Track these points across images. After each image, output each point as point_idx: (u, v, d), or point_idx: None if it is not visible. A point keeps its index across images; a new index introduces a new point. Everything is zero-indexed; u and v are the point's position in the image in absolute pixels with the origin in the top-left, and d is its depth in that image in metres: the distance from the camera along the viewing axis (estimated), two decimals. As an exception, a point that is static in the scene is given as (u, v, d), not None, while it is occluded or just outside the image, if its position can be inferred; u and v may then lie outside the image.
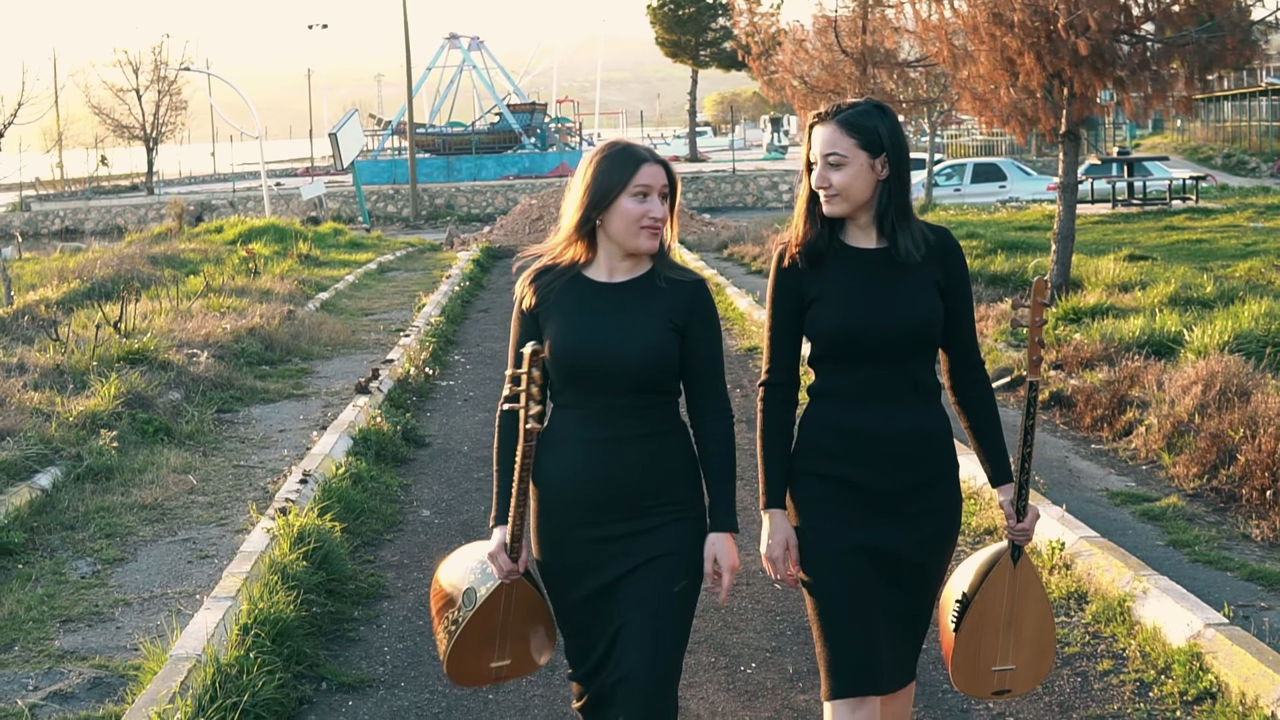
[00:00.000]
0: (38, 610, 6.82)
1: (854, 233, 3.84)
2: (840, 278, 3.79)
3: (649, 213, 3.73)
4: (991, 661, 3.95)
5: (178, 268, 23.41)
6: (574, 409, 3.77)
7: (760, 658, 6.07)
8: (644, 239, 3.75)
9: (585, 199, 3.75)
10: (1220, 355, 10.53)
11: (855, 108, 3.80)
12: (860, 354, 3.76)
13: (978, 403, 3.91)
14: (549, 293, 3.82)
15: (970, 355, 3.90)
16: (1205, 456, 8.80)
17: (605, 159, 3.77)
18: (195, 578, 7.28)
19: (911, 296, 3.77)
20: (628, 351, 3.70)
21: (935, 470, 3.83)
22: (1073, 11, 14.67)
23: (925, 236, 3.82)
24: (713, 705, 5.57)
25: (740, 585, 7.00)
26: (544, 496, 3.80)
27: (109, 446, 9.70)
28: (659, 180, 3.75)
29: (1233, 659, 5.39)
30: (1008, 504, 3.91)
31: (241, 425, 11.39)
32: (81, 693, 5.75)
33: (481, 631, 3.85)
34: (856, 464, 3.77)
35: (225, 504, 8.80)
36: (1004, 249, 21.14)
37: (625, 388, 3.71)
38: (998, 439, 3.92)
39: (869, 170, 3.76)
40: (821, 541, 3.78)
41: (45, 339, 13.44)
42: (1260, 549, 7.32)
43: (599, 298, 3.79)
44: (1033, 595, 3.97)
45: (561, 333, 3.75)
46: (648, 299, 3.77)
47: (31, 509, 8.41)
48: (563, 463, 3.75)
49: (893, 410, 3.78)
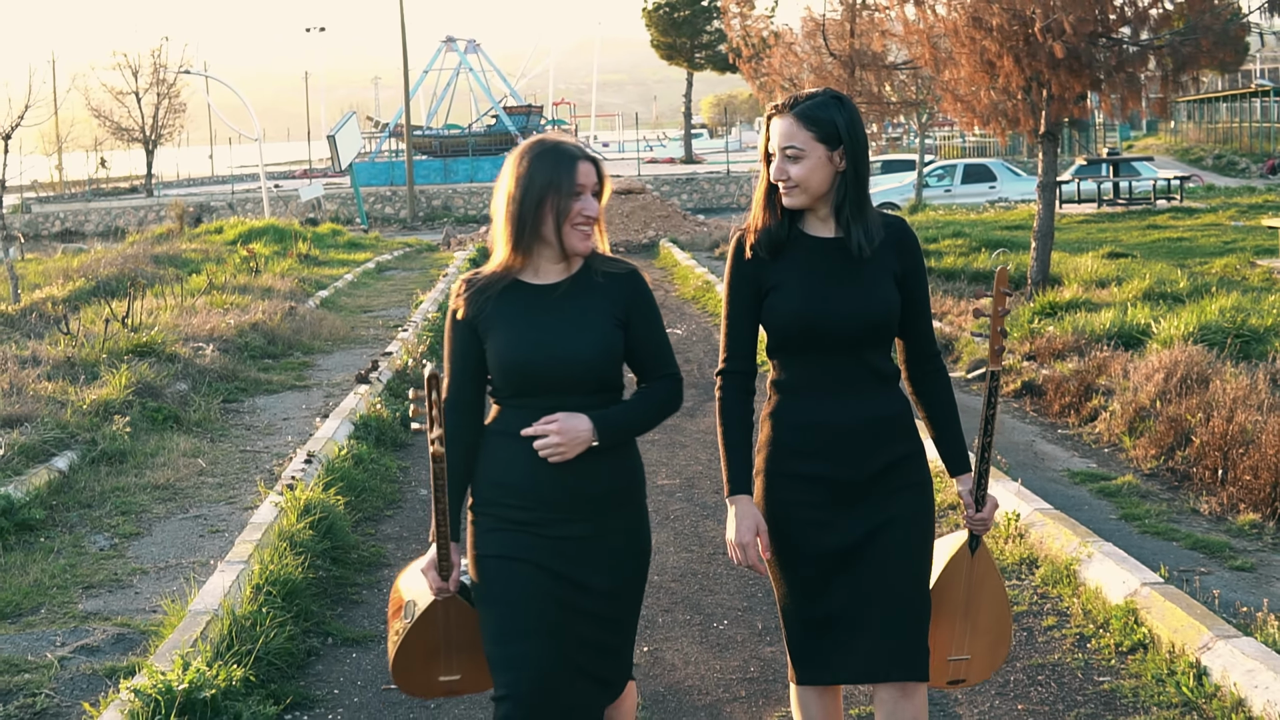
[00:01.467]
0: (61, 578, 7.30)
1: (813, 222, 3.85)
2: (798, 267, 3.79)
3: (583, 210, 3.69)
4: (947, 651, 4.00)
5: (180, 267, 23.87)
6: (521, 410, 3.71)
7: (732, 616, 6.57)
8: (578, 239, 3.70)
9: (525, 201, 3.70)
10: (1184, 345, 11.03)
11: (813, 99, 3.78)
12: (818, 344, 3.76)
13: (935, 393, 3.94)
14: (485, 301, 3.75)
15: (927, 345, 3.93)
16: (1163, 439, 9.28)
17: (539, 158, 3.72)
18: (207, 549, 7.77)
19: (869, 286, 3.76)
20: (579, 352, 3.67)
21: (899, 451, 3.82)
22: (1049, 16, 15.16)
23: (880, 228, 3.81)
24: (686, 656, 6.08)
25: (718, 553, 7.50)
26: (493, 492, 3.76)
27: (122, 432, 10.18)
28: (591, 178, 3.72)
29: (1165, 614, 5.88)
30: (966, 493, 3.94)
31: (246, 414, 11.87)
32: (106, 647, 6.23)
33: (425, 644, 3.86)
34: (822, 458, 3.77)
35: (233, 484, 9.28)
36: (988, 247, 21.61)
37: (577, 388, 3.69)
38: (955, 428, 3.95)
39: (827, 162, 3.75)
40: (792, 547, 3.80)
41: (56, 333, 13.93)
42: (1207, 522, 7.80)
43: (539, 301, 3.74)
44: (990, 585, 4.01)
45: (508, 340, 3.69)
46: (587, 297, 3.74)
47: (50, 489, 8.88)
48: (512, 460, 3.72)
49: (853, 400, 3.78)
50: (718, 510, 8.41)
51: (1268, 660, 5.22)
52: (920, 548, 3.84)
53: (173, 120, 64.44)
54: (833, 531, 3.76)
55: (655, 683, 5.79)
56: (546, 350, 3.67)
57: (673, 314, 18.06)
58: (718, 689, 5.71)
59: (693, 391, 12.30)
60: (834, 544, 3.76)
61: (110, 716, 5.00)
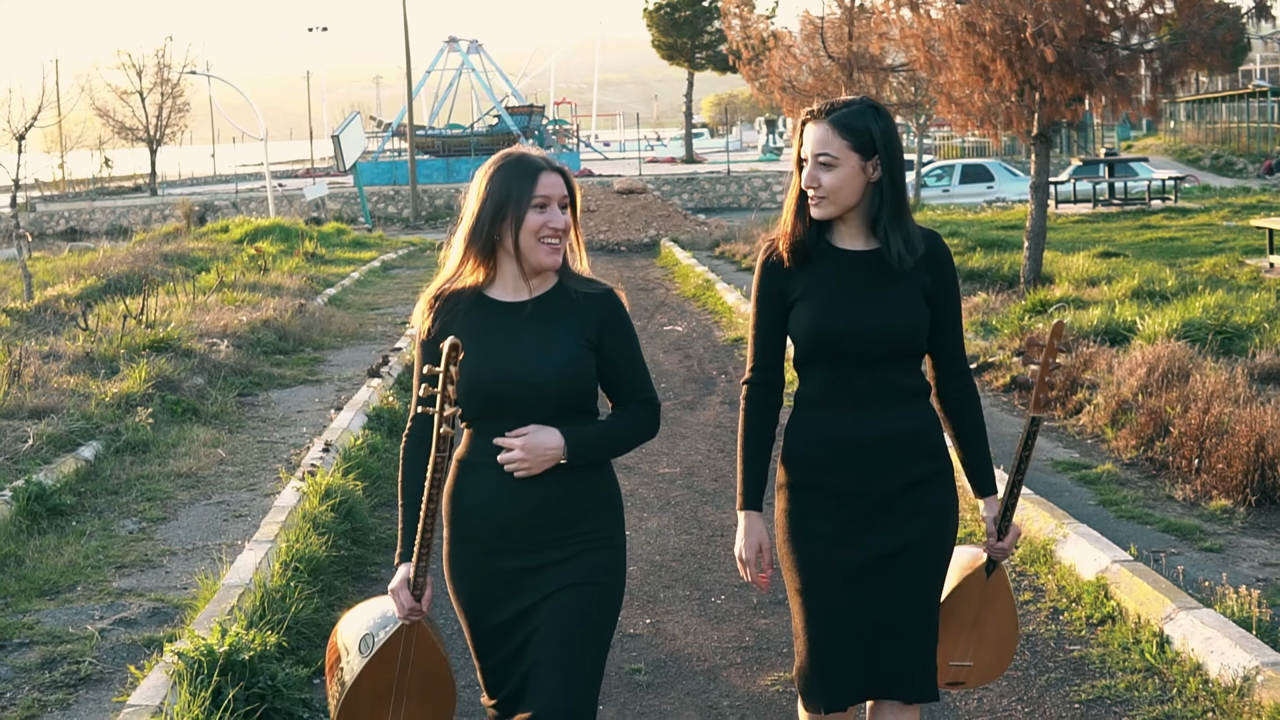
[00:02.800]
0: (94, 559, 7.72)
1: (842, 234, 3.77)
2: (826, 279, 3.71)
3: (548, 223, 3.57)
4: (951, 657, 4.01)
5: (188, 265, 24.29)
6: (490, 434, 3.58)
7: (729, 591, 6.99)
8: (545, 254, 3.59)
9: (480, 214, 3.62)
10: (1168, 341, 11.44)
11: (849, 107, 3.71)
12: (843, 357, 3.68)
13: (964, 411, 3.86)
14: (452, 319, 3.63)
15: (957, 362, 3.85)
16: (1143, 430, 9.69)
17: (500, 170, 3.63)
18: (232, 532, 8.19)
19: (897, 301, 3.69)
20: (546, 373, 3.54)
21: (926, 469, 3.74)
22: (1040, 22, 15.58)
23: (920, 240, 3.74)
24: (686, 628, 6.50)
25: (716, 535, 7.92)
26: (461, 523, 3.65)
27: (144, 423, 10.60)
28: (558, 190, 3.61)
29: (1132, 588, 6.30)
30: (990, 520, 3.89)
31: (262, 407, 12.29)
32: (143, 619, 6.66)
33: (376, 684, 3.64)
34: (844, 472, 3.70)
35: (253, 473, 9.70)
36: (983, 246, 22.03)
37: (544, 411, 3.55)
38: (983, 449, 3.88)
39: (860, 173, 3.68)
40: (809, 562, 3.72)
41: (75, 329, 14.36)
42: (1181, 507, 8.22)
43: (507, 319, 3.62)
44: (1001, 604, 4.04)
45: (474, 360, 3.54)
46: (558, 316, 3.63)
47: (78, 476, 9.29)
48: (482, 488, 3.60)
49: (879, 416, 3.70)
50: (716, 496, 8.83)
51: (1225, 629, 5.64)
52: (937, 571, 3.80)
53: (177, 120, 64.86)
54: (851, 547, 3.69)
55: (657, 651, 6.22)
56: (508, 371, 3.55)
57: (673, 311, 18.48)
58: (715, 656, 6.13)
59: (693, 386, 12.72)
60: (854, 560, 3.69)
61: (155, 678, 5.42)
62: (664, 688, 5.81)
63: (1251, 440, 8.43)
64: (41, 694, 5.79)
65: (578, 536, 3.59)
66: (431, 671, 3.67)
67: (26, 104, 21.18)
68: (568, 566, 3.58)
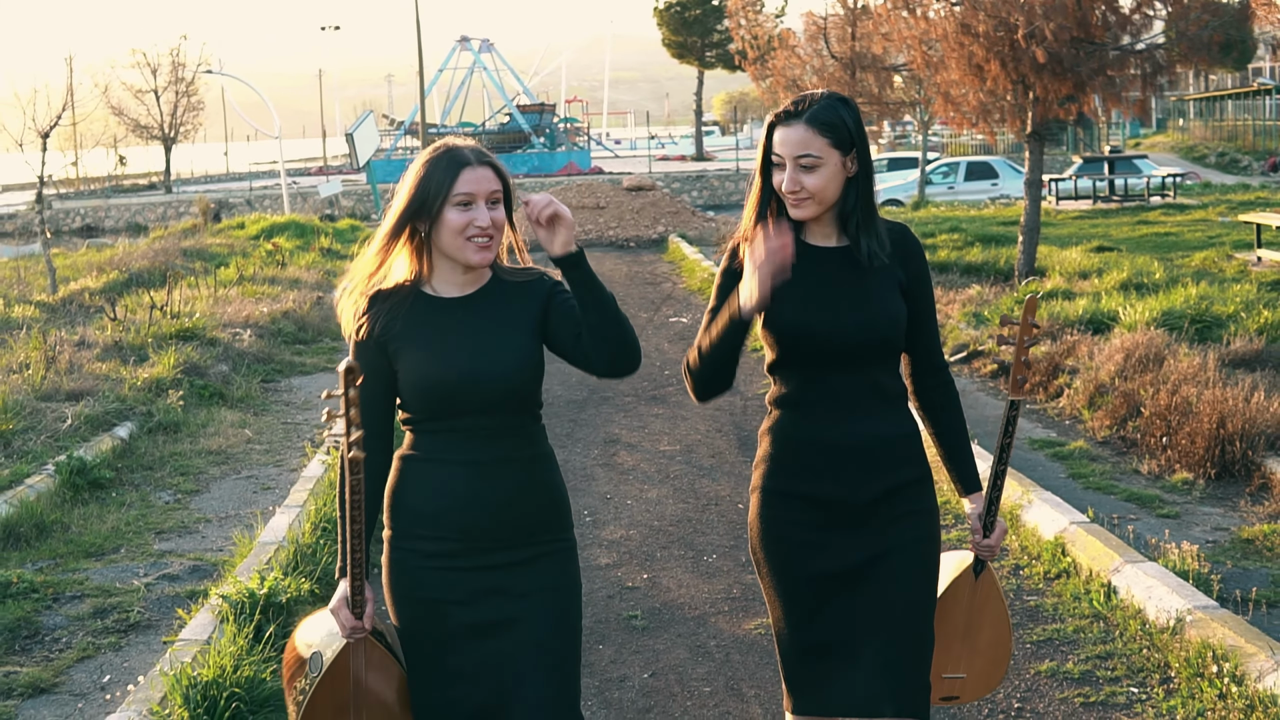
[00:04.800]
0: (134, 525, 8.36)
1: (812, 231, 3.66)
2: (798, 278, 3.52)
3: (474, 221, 3.41)
4: (943, 669, 3.89)
5: (207, 260, 24.95)
6: (442, 433, 3.44)
7: (720, 551, 7.61)
8: (472, 252, 3.43)
9: (403, 210, 3.46)
10: (1147, 329, 12.04)
11: (821, 103, 3.58)
12: (821, 358, 3.57)
13: (943, 408, 3.76)
14: (393, 319, 3.47)
15: (934, 357, 3.74)
16: (1117, 411, 10.28)
17: (428, 164, 3.46)
18: (261, 502, 8.81)
19: (873, 297, 3.58)
20: (498, 367, 3.41)
21: (905, 475, 3.62)
22: (1031, 23, 16.17)
23: (886, 235, 3.65)
24: (680, 582, 7.12)
25: (710, 504, 8.54)
26: (415, 523, 3.45)
27: (175, 405, 11.25)
28: (484, 186, 3.44)
29: (1086, 546, 6.91)
30: (975, 517, 3.77)
31: (284, 392, 12.94)
32: (184, 575, 7.29)
33: (335, 701, 3.46)
34: (822, 478, 3.58)
35: (279, 451, 10.34)
36: (982, 241, 22.60)
37: (496, 408, 3.42)
38: (964, 446, 3.77)
39: (840, 170, 3.57)
40: (786, 568, 3.62)
41: (104, 318, 15.02)
42: (1146, 480, 8.81)
43: (451, 315, 3.48)
44: (992, 609, 3.91)
45: (422, 360, 3.43)
46: (502, 307, 3.50)
47: (115, 453, 9.92)
48: (440, 487, 3.43)
49: (857, 418, 3.58)
50: (712, 471, 9.44)
51: (1164, 579, 6.25)
52: (923, 578, 3.64)
53: (191, 118, 65.59)
54: (829, 554, 3.58)
55: (653, 600, 6.84)
56: (463, 368, 3.41)
57: (679, 304, 19.08)
58: (705, 605, 6.75)
59: (695, 372, 13.33)
60: (830, 567, 3.58)
61: (202, 617, 6.06)
62: (658, 631, 6.43)
63: (1214, 418, 9.02)
64: (95, 638, 6.42)
65: (538, 535, 3.48)
66: (388, 684, 3.50)
67: (51, 103, 21.89)
68: (531, 571, 3.46)
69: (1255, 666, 5.29)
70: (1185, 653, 5.64)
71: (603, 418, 10.99)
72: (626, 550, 7.69)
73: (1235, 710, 5.13)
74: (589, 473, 9.43)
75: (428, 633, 3.44)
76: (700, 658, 6.08)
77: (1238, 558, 7.01)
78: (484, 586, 3.42)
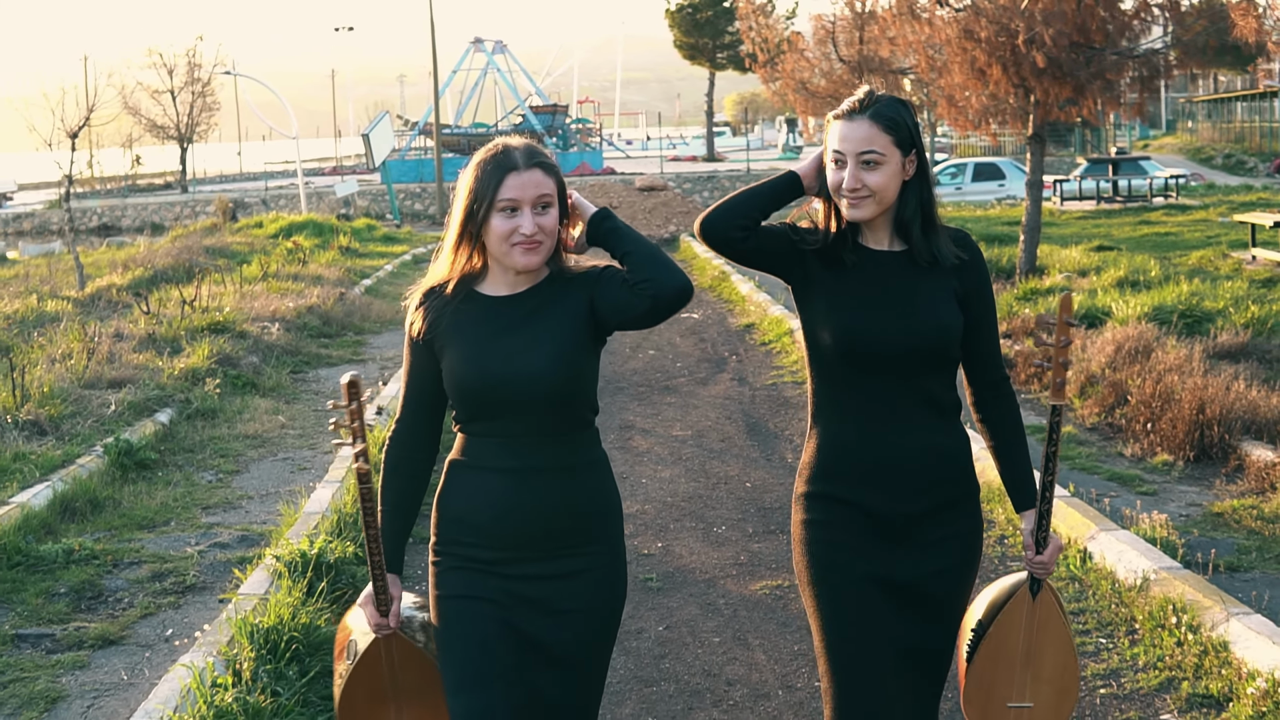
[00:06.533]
0: (182, 502, 8.96)
1: (868, 234, 3.57)
2: (852, 281, 3.51)
3: (518, 229, 3.35)
4: (1006, 697, 3.73)
5: (229, 258, 25.61)
6: (489, 437, 3.40)
7: (729, 523, 8.21)
8: (518, 255, 3.38)
9: (461, 215, 3.43)
10: (1139, 324, 12.61)
11: (885, 100, 3.52)
12: (867, 363, 3.47)
13: (1002, 421, 3.62)
14: (441, 316, 3.45)
15: (993, 369, 3.62)
16: (1105, 400, 10.86)
17: (478, 167, 3.41)
18: (299, 481, 9.42)
19: (925, 305, 3.48)
20: (531, 368, 3.34)
21: (953, 493, 3.53)
22: (1031, 29, 16.73)
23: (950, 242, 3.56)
24: (691, 549, 7.72)
25: (720, 483, 9.13)
26: (457, 530, 3.44)
27: (212, 392, 11.87)
28: (530, 192, 3.35)
29: (1066, 516, 7.49)
30: (1028, 534, 3.63)
31: (313, 382, 13.56)
32: (234, 543, 7.90)
33: (369, 688, 3.55)
34: (866, 487, 3.49)
35: (312, 435, 10.95)
36: (985, 240, 23.16)
37: (534, 410, 3.36)
38: (1023, 460, 3.65)
39: (900, 170, 3.49)
40: (828, 572, 3.51)
41: (137, 312, 15.66)
42: (1128, 462, 9.38)
43: (498, 314, 3.43)
44: (1053, 632, 3.74)
45: (463, 358, 3.39)
46: (552, 306, 3.43)
47: (157, 437, 10.53)
48: (480, 494, 3.40)
49: (906, 429, 3.48)
50: (722, 454, 10.03)
51: (1135, 544, 6.84)
52: (963, 604, 3.62)
53: (207, 118, 66.30)
54: (869, 560, 3.50)
55: (666, 565, 7.44)
56: (499, 367, 3.36)
57: (691, 301, 19.66)
58: (714, 570, 7.35)
59: (706, 364, 13.92)
60: (871, 571, 3.49)
61: (259, 575, 6.66)
62: (671, 591, 7.03)
63: (1194, 404, 9.59)
64: (154, 599, 7.02)
65: (585, 546, 3.44)
66: (422, 680, 3.55)
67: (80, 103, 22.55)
68: (575, 584, 3.44)
69: (1210, 618, 5.88)
70: (1149, 607, 6.22)
71: (618, 405, 11.53)
72: (642, 522, 8.28)
73: (1190, 655, 5.72)
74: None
75: (466, 635, 3.40)
76: (710, 614, 6.68)
77: (1207, 529, 7.59)
78: (523, 595, 3.40)
